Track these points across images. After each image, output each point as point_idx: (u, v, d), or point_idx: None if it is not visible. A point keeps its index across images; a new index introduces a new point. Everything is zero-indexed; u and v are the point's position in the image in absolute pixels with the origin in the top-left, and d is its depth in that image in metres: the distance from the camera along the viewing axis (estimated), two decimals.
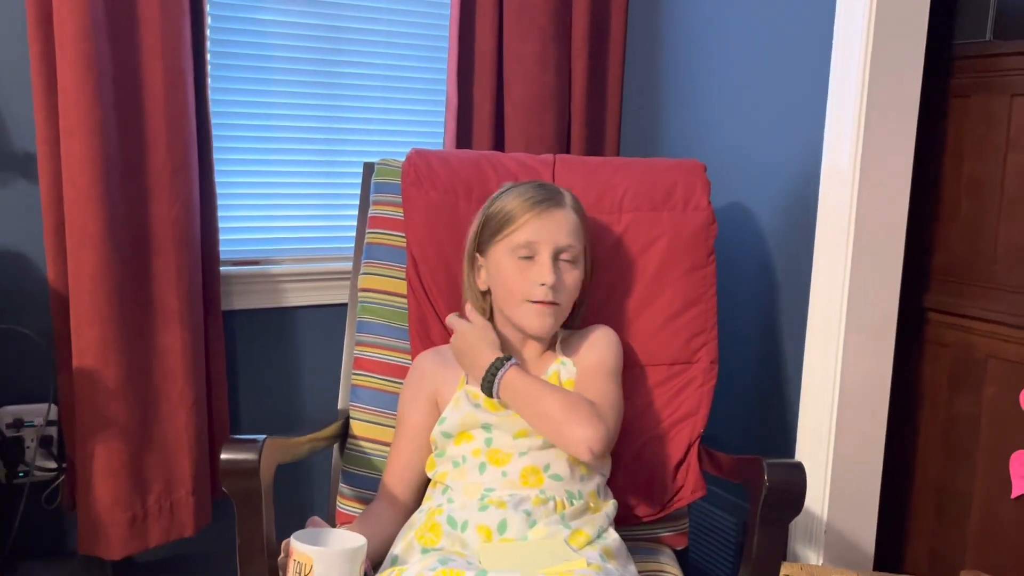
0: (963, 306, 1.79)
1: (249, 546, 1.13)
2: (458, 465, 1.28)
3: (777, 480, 1.15)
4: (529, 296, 1.29)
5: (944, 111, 1.81)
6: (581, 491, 1.26)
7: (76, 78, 1.49)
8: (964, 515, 1.80)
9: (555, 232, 1.29)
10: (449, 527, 1.19)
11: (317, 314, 1.95)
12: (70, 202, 1.54)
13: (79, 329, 1.56)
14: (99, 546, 1.63)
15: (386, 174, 1.59)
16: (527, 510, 1.20)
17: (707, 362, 1.50)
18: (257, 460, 1.11)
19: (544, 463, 1.26)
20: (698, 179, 1.56)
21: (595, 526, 1.23)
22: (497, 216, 1.33)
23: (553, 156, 1.62)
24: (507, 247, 1.31)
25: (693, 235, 1.53)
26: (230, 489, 1.12)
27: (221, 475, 1.11)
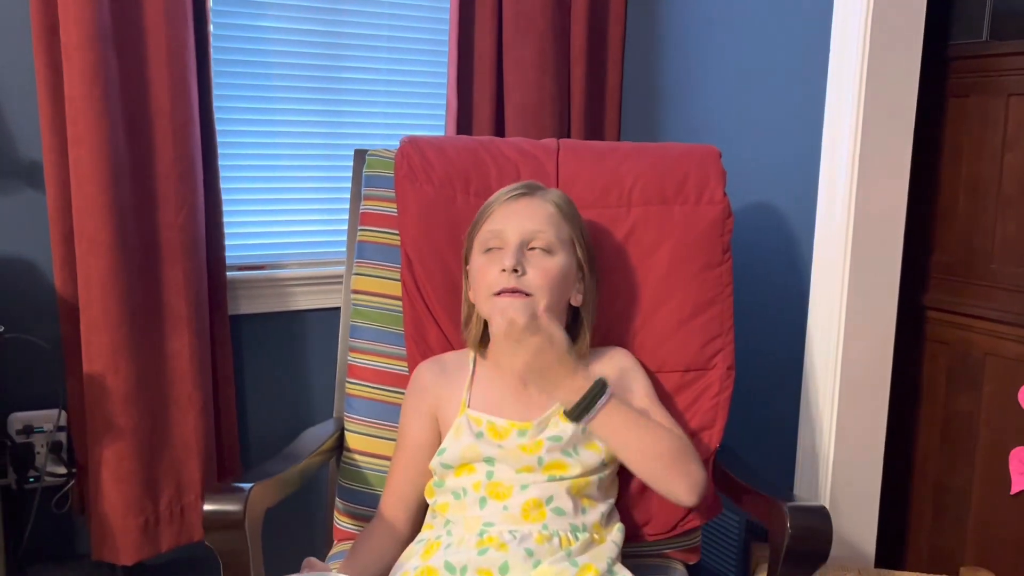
0: (962, 304, 1.80)
1: None
2: (459, 497, 1.20)
3: (801, 528, 1.07)
4: (492, 287, 1.18)
5: (942, 111, 1.82)
6: (585, 524, 1.18)
7: (84, 87, 1.50)
8: (964, 512, 1.81)
9: (523, 219, 1.20)
10: (447, 573, 1.10)
11: (323, 317, 1.96)
12: (79, 210, 1.55)
13: (89, 336, 1.58)
14: (112, 551, 1.64)
15: (377, 166, 1.48)
16: (529, 548, 1.12)
17: (723, 368, 1.40)
18: (242, 511, 1.02)
19: (547, 496, 1.17)
20: (712, 168, 1.45)
21: (603, 559, 1.15)
22: (474, 221, 1.28)
23: (557, 141, 1.52)
24: (479, 244, 1.24)
25: (707, 230, 1.42)
26: (214, 544, 1.03)
27: (203, 527, 1.03)
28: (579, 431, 1.21)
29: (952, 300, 1.82)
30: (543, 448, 1.19)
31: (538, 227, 1.20)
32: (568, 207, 1.27)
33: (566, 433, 1.21)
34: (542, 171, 1.46)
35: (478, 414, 1.24)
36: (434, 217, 1.41)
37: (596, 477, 1.22)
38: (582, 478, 1.20)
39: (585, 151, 1.50)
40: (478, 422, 1.23)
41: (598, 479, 1.22)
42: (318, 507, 1.98)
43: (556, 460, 1.20)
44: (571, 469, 1.19)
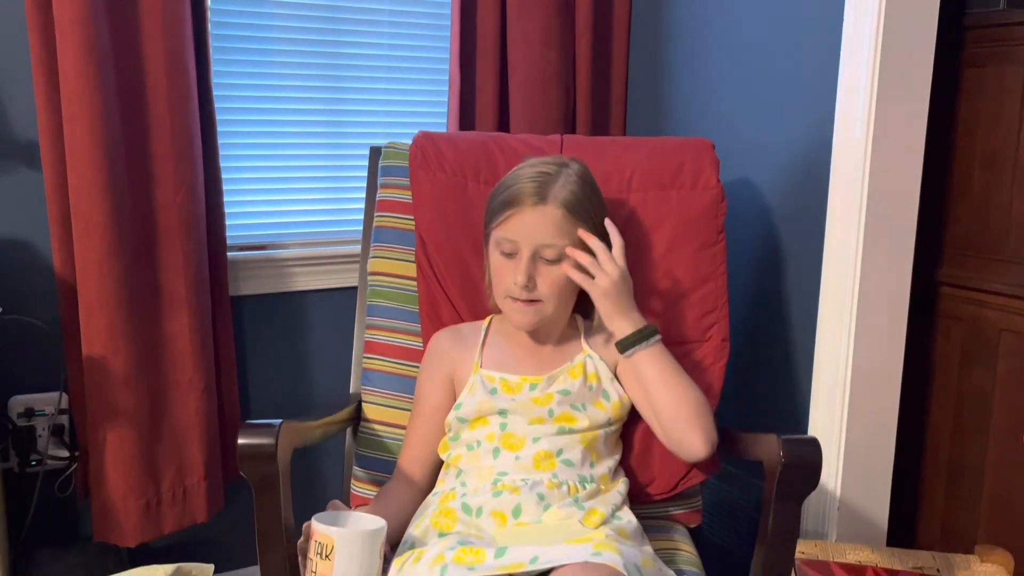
0: (976, 279, 1.77)
1: (268, 529, 1.14)
2: (472, 449, 1.29)
3: (792, 456, 1.15)
4: (508, 292, 1.29)
5: (958, 82, 1.79)
6: (592, 476, 1.27)
7: (77, 63, 1.47)
8: (977, 490, 1.79)
9: (534, 232, 1.27)
10: (464, 513, 1.20)
11: (325, 298, 1.94)
12: (75, 190, 1.52)
13: (88, 317, 1.56)
14: (114, 533, 1.63)
15: (393, 157, 1.58)
16: (540, 493, 1.20)
17: (718, 340, 1.49)
18: (274, 444, 1.11)
19: (557, 448, 1.26)
20: (707, 157, 1.54)
21: (608, 504, 1.23)
22: (492, 205, 1.32)
23: (560, 136, 1.60)
24: (495, 239, 1.31)
25: (702, 213, 1.51)
26: (248, 473, 1.12)
27: (239, 459, 1.11)
28: (587, 388, 1.32)
29: (966, 275, 1.79)
30: (554, 400, 1.29)
31: (548, 240, 1.27)
32: (579, 202, 1.29)
33: (574, 388, 1.31)
34: None
35: (491, 372, 1.33)
36: (447, 202, 1.50)
37: (603, 432, 1.31)
38: (590, 431, 1.29)
39: (588, 144, 1.60)
40: (491, 379, 1.32)
41: (604, 434, 1.32)
42: (334, 481, 1.97)
43: (566, 412, 1.29)
44: (580, 422, 1.29)
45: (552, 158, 1.35)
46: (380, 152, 1.61)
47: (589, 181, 1.33)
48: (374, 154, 1.64)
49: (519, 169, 1.32)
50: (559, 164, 1.31)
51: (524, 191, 1.27)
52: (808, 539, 1.65)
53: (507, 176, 1.33)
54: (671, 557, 1.35)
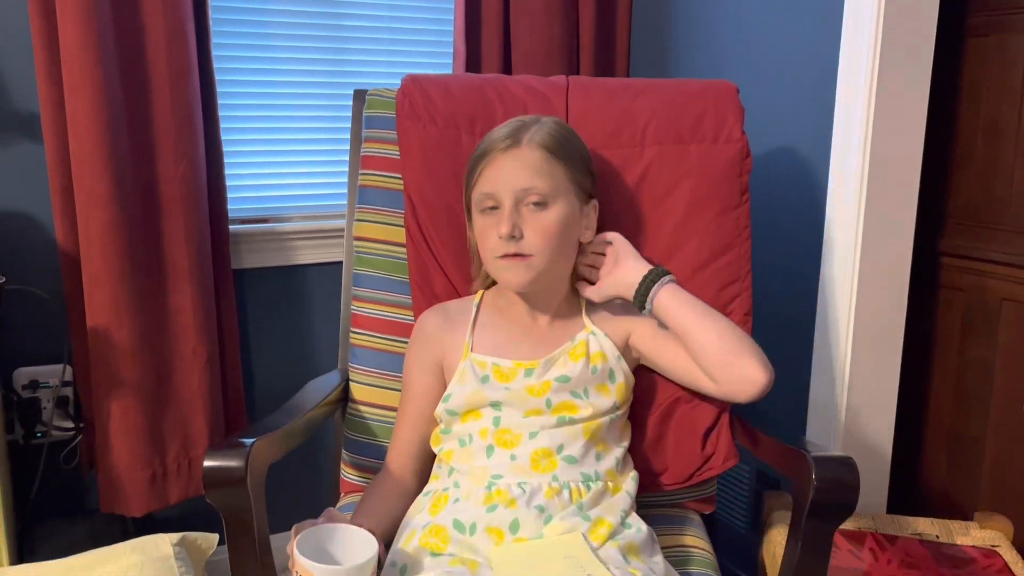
0: (978, 249, 1.77)
1: (241, 561, 1.02)
2: (464, 444, 1.17)
3: (827, 479, 1.02)
4: (495, 251, 1.16)
5: (961, 51, 1.78)
6: (597, 471, 1.15)
7: (77, 34, 1.47)
8: (978, 459, 1.80)
9: (512, 176, 1.14)
10: (456, 531, 1.08)
11: (327, 271, 1.94)
12: (77, 161, 1.52)
13: (91, 289, 1.56)
14: (120, 504, 1.64)
15: (378, 106, 1.41)
16: (540, 505, 1.09)
17: (740, 315, 1.34)
18: (244, 467, 0.97)
19: (557, 444, 1.14)
20: (730, 105, 1.38)
21: (616, 511, 1.12)
22: (468, 168, 1.21)
23: (567, 78, 1.44)
24: (475, 202, 1.19)
25: (725, 171, 1.35)
26: (215, 501, 0.99)
27: (204, 486, 0.99)
28: (589, 371, 1.19)
29: (968, 246, 1.79)
30: (551, 389, 1.17)
31: (528, 183, 1.14)
32: (559, 142, 1.18)
33: (575, 372, 1.18)
34: (550, 109, 1.39)
35: (482, 357, 1.21)
36: (438, 159, 1.35)
37: (607, 419, 1.19)
38: (593, 420, 1.17)
39: (596, 88, 1.43)
40: (482, 365, 1.20)
41: (609, 420, 1.19)
42: (325, 459, 1.98)
43: (565, 401, 1.17)
44: (581, 411, 1.17)
45: (527, 116, 1.23)
46: (364, 97, 1.44)
47: (566, 129, 1.22)
48: (357, 98, 1.46)
49: (495, 128, 1.22)
50: (536, 116, 1.22)
51: (496, 139, 1.17)
52: None
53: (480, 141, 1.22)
54: (684, 558, 1.25)
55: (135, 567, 1.43)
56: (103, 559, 1.45)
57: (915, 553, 1.50)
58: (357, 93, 1.48)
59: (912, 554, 1.50)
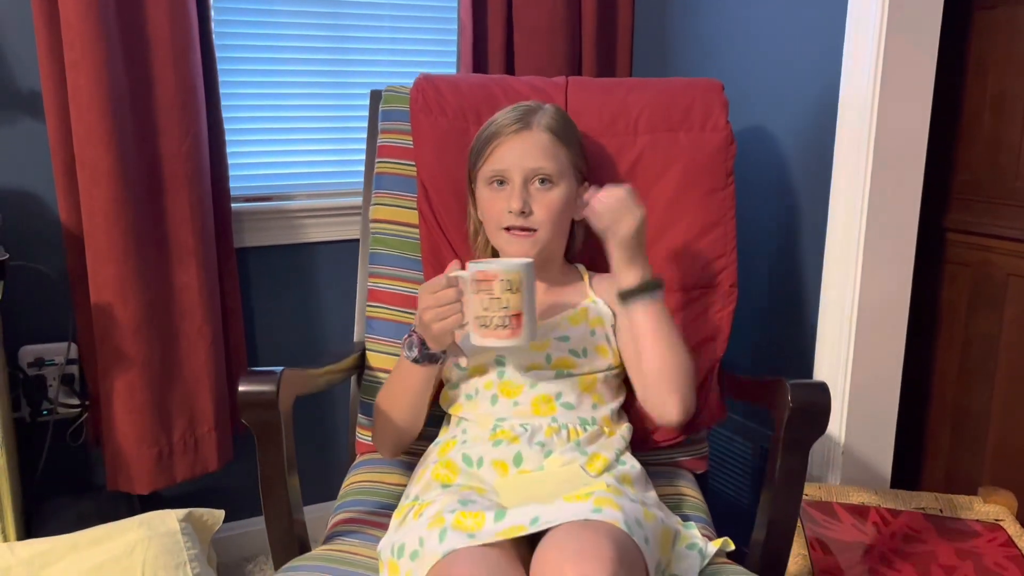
0: (984, 224, 1.76)
1: (270, 475, 1.13)
2: (471, 398, 1.27)
3: (801, 401, 1.14)
4: (502, 223, 1.26)
5: (968, 24, 1.76)
6: (594, 417, 1.25)
7: (78, 9, 1.46)
8: (982, 434, 1.80)
9: (523, 156, 1.25)
10: (465, 464, 1.18)
11: (331, 250, 1.94)
12: (80, 138, 1.52)
13: (96, 267, 1.56)
14: (127, 481, 1.65)
15: (394, 101, 1.55)
16: (540, 441, 1.18)
17: (727, 286, 1.47)
18: (275, 391, 1.10)
19: (556, 392, 1.24)
20: (716, 98, 1.51)
21: (612, 449, 1.21)
22: (475, 147, 1.31)
23: (566, 78, 1.56)
24: (483, 177, 1.29)
25: (711, 156, 1.48)
26: (249, 420, 1.11)
27: (240, 407, 1.10)
28: (588, 333, 1.29)
29: (974, 220, 1.79)
30: (550, 346, 1.26)
31: (538, 164, 1.25)
32: (563, 127, 1.30)
33: (575, 334, 1.28)
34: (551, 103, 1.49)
35: None
36: (448, 147, 1.47)
37: (603, 375, 1.28)
38: (589, 375, 1.27)
39: (593, 86, 1.56)
40: None
41: (604, 377, 1.28)
42: (339, 428, 2.00)
43: (563, 358, 1.26)
44: (579, 367, 1.26)
45: (529, 102, 1.33)
46: (380, 96, 1.58)
47: (567, 117, 1.32)
48: (374, 98, 1.61)
49: (500, 112, 1.31)
50: (539, 103, 1.32)
51: (506, 122, 1.27)
52: (812, 483, 1.66)
53: (484, 124, 1.32)
54: (677, 503, 1.34)
55: (142, 542, 1.45)
56: (110, 534, 1.46)
57: (919, 527, 1.51)
58: (373, 93, 1.62)
59: (916, 528, 1.50)
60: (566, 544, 0.94)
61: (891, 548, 1.45)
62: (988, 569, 1.39)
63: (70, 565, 1.41)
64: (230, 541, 1.93)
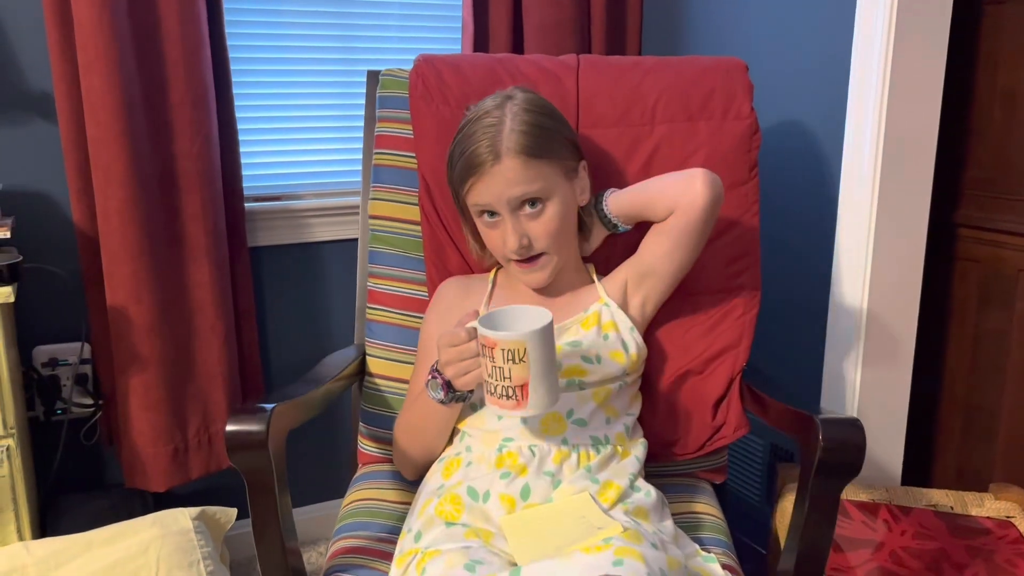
0: (994, 220, 1.76)
1: (262, 518, 1.05)
2: (476, 408, 1.20)
3: (833, 440, 1.04)
4: (508, 257, 1.21)
5: (978, 19, 1.75)
6: (607, 435, 1.17)
7: (91, 10, 1.47)
8: (993, 430, 1.80)
9: (503, 190, 1.16)
10: (470, 499, 1.10)
11: (341, 248, 1.95)
12: (94, 139, 1.53)
13: (111, 266, 1.58)
14: (143, 479, 1.67)
15: (392, 86, 1.43)
16: (549, 471, 1.11)
17: (749, 289, 1.37)
18: (265, 432, 1.01)
19: (567, 408, 1.16)
20: (739, 82, 1.39)
21: (625, 475, 1.14)
22: (452, 173, 1.22)
23: (577, 57, 1.45)
24: (473, 209, 1.21)
25: (734, 147, 1.37)
26: (237, 464, 1.03)
27: (227, 449, 1.02)
28: (601, 338, 1.21)
29: (984, 216, 1.78)
30: (562, 352, 1.19)
31: (520, 192, 1.16)
32: (536, 139, 1.17)
33: (586, 339, 1.21)
34: (561, 89, 1.41)
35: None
36: (451, 139, 1.30)
37: (617, 385, 1.21)
38: (602, 385, 1.19)
39: (606, 67, 1.44)
40: None
41: (618, 387, 1.21)
42: (341, 436, 2.00)
43: (575, 365, 1.19)
44: (591, 375, 1.19)
45: (496, 96, 1.21)
46: (378, 78, 1.47)
47: (534, 108, 1.19)
48: (372, 80, 1.49)
49: (468, 123, 1.20)
50: (501, 103, 1.19)
51: (478, 154, 1.16)
52: None
53: (459, 131, 1.21)
54: (695, 524, 1.26)
55: (156, 541, 1.46)
56: (124, 533, 1.47)
57: (929, 524, 1.51)
58: (371, 74, 1.49)
59: (926, 525, 1.50)
60: None
61: (901, 545, 1.45)
62: (999, 566, 1.39)
63: (84, 563, 1.42)
64: (242, 539, 1.94)
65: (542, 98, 1.23)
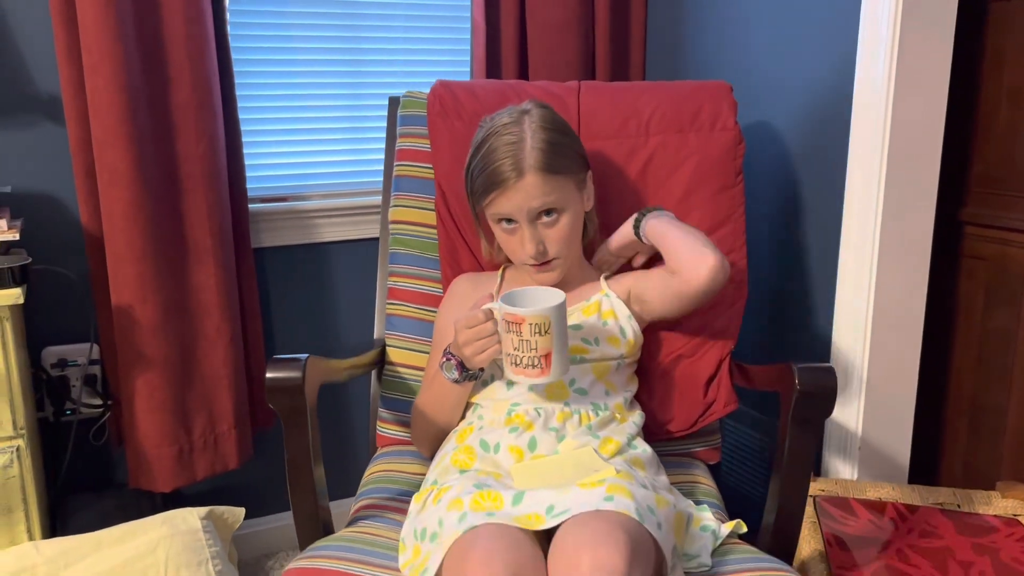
0: (1001, 218, 1.75)
1: (297, 459, 1.17)
2: (487, 384, 1.33)
3: (808, 382, 1.17)
4: (524, 261, 1.32)
5: (983, 16, 1.75)
6: (606, 403, 1.30)
7: (96, 13, 1.48)
8: (999, 429, 1.79)
9: (524, 202, 1.27)
10: (482, 450, 1.23)
11: (346, 249, 1.96)
12: (99, 141, 1.54)
13: (116, 268, 1.59)
14: (149, 480, 1.68)
15: (412, 106, 1.60)
16: (554, 426, 1.24)
17: (737, 281, 1.50)
18: (301, 377, 1.14)
19: (569, 378, 1.29)
20: (724, 100, 1.55)
21: (624, 434, 1.26)
22: (472, 186, 1.32)
23: (578, 83, 1.60)
24: (489, 216, 1.33)
25: (721, 156, 1.52)
26: (276, 406, 1.15)
27: (267, 393, 1.14)
28: (601, 323, 1.34)
29: (991, 214, 1.77)
30: None
31: (540, 203, 1.27)
32: (554, 155, 1.27)
33: (587, 323, 1.34)
34: (564, 106, 1.55)
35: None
36: (465, 150, 1.46)
37: (615, 363, 1.33)
38: (601, 362, 1.32)
39: (605, 90, 1.60)
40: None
41: (616, 365, 1.34)
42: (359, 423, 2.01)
43: (576, 345, 1.31)
44: (591, 353, 1.32)
45: (511, 112, 1.31)
46: (399, 102, 1.63)
47: (551, 126, 1.30)
48: (393, 104, 1.66)
49: (488, 138, 1.29)
50: (518, 119, 1.29)
51: (502, 171, 1.26)
52: (829, 477, 1.66)
53: (478, 145, 1.31)
54: (690, 490, 1.38)
55: (164, 540, 1.47)
56: (133, 532, 1.48)
57: (936, 522, 1.50)
58: (392, 100, 1.67)
59: (933, 523, 1.50)
60: (580, 534, 0.98)
61: (908, 543, 1.45)
62: (1005, 564, 1.39)
63: (94, 563, 1.43)
64: (251, 538, 1.95)
65: (555, 113, 1.34)
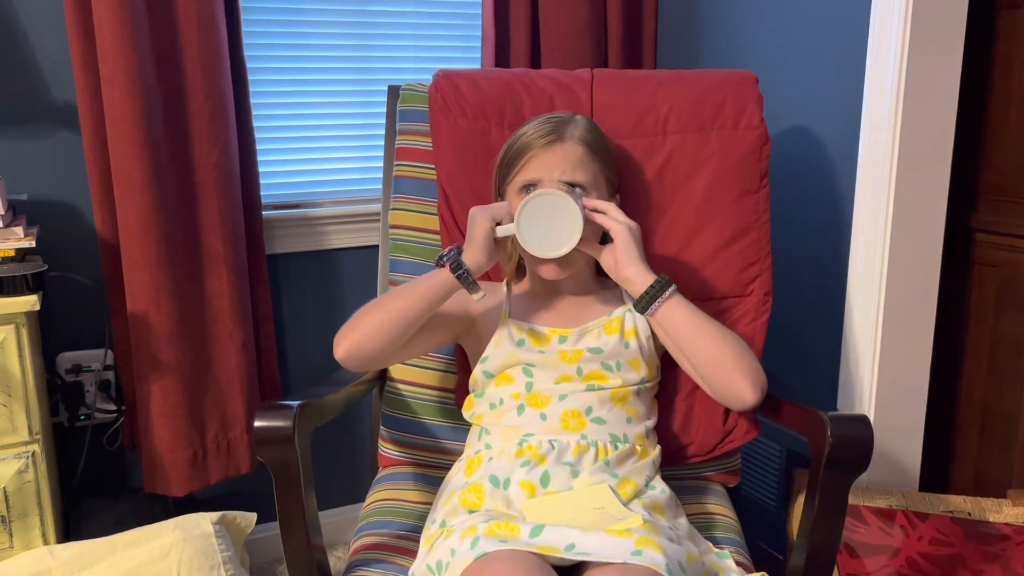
0: (1012, 225, 1.75)
1: (288, 512, 1.09)
2: (495, 407, 1.24)
3: (841, 435, 1.07)
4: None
5: (993, 23, 1.75)
6: (626, 434, 1.20)
7: (112, 23, 1.49)
8: (1011, 436, 1.79)
9: (556, 168, 1.22)
10: (491, 485, 1.14)
11: (358, 255, 1.97)
12: (114, 149, 1.56)
13: (131, 275, 1.60)
14: (163, 484, 1.69)
15: (412, 100, 1.48)
16: (568, 461, 1.15)
17: (760, 295, 1.40)
18: (292, 427, 1.05)
19: (586, 406, 1.20)
20: (749, 93, 1.43)
21: (641, 474, 1.18)
22: (504, 158, 1.28)
23: (591, 71, 1.49)
24: (515, 187, 1.25)
25: (744, 156, 1.40)
26: (265, 458, 1.07)
27: (255, 443, 1.06)
28: (622, 345, 1.24)
29: (1002, 221, 1.77)
30: (582, 357, 1.23)
31: (571, 175, 1.23)
32: (595, 138, 1.27)
33: (608, 345, 1.24)
34: (576, 101, 1.45)
35: (519, 323, 1.26)
36: (469, 150, 1.42)
37: (635, 389, 1.24)
38: (622, 389, 1.23)
39: (619, 80, 1.48)
40: (519, 330, 1.25)
41: (637, 390, 1.25)
42: (361, 439, 2.02)
43: (595, 371, 1.23)
44: (610, 381, 1.23)
45: (559, 113, 1.30)
46: (398, 93, 1.51)
47: (598, 128, 1.29)
48: (392, 95, 1.54)
49: (526, 125, 1.28)
50: (568, 115, 1.28)
51: (538, 133, 1.23)
52: None
53: (513, 135, 1.28)
54: (707, 524, 1.29)
55: (177, 545, 1.48)
56: (146, 537, 1.49)
57: (947, 530, 1.50)
58: (391, 89, 1.55)
59: (944, 531, 1.50)
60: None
61: (919, 551, 1.44)
62: (1017, 572, 1.38)
63: (108, 567, 1.44)
64: (262, 543, 1.96)
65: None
